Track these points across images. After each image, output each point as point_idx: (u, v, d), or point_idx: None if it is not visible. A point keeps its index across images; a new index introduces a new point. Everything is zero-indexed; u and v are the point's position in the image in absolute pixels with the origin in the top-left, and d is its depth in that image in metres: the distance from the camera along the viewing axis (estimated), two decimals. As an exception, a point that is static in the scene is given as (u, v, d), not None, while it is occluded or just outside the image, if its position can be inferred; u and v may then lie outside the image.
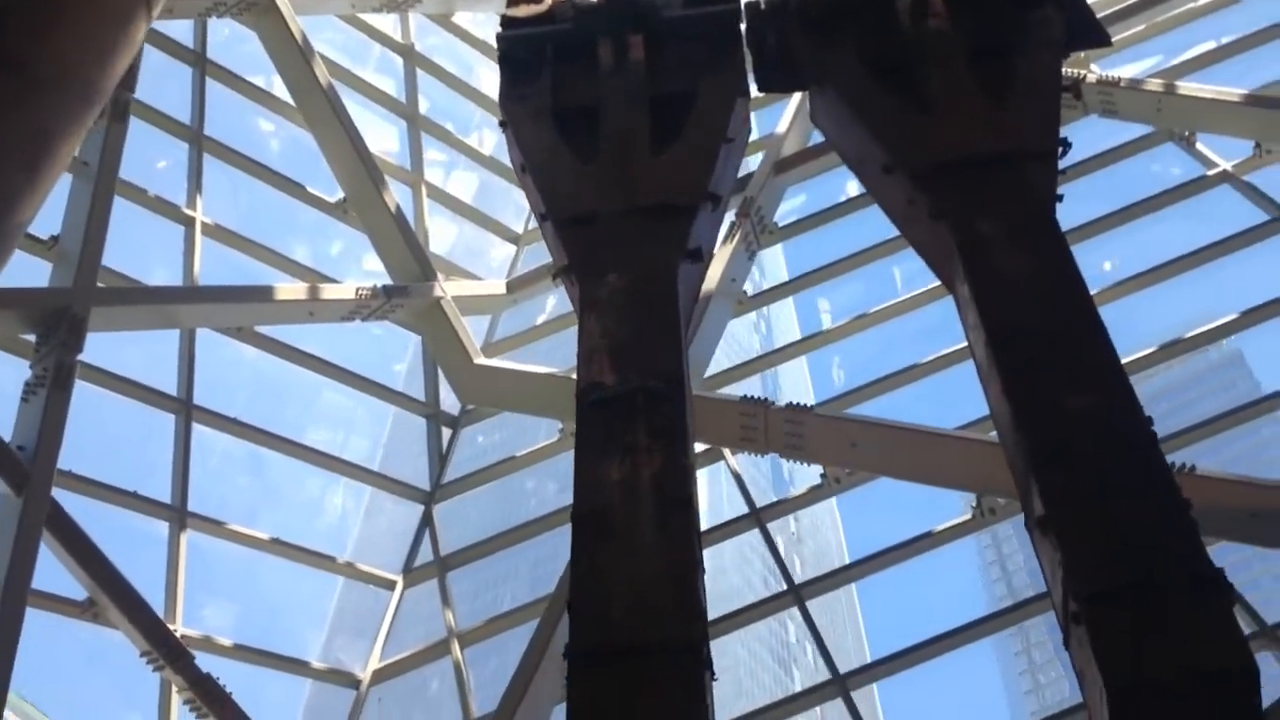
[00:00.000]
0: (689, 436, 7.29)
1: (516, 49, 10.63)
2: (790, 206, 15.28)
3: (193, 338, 10.02)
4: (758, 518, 10.05)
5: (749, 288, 12.45)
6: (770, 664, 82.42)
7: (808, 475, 10.10)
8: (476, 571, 11.45)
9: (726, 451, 10.50)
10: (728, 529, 10.27)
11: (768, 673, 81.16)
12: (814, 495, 10.05)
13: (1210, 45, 13.67)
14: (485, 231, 14.44)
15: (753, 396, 10.06)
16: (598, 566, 6.65)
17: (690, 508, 6.76)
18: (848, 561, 10.45)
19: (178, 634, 8.67)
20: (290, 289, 10.47)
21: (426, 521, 11.07)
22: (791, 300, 13.87)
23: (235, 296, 10.18)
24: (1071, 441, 6.56)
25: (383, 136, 14.48)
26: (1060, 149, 8.90)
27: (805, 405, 9.88)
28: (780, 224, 12.86)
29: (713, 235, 9.50)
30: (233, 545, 9.75)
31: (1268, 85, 11.93)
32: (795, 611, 9.76)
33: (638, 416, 7.29)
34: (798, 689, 9.27)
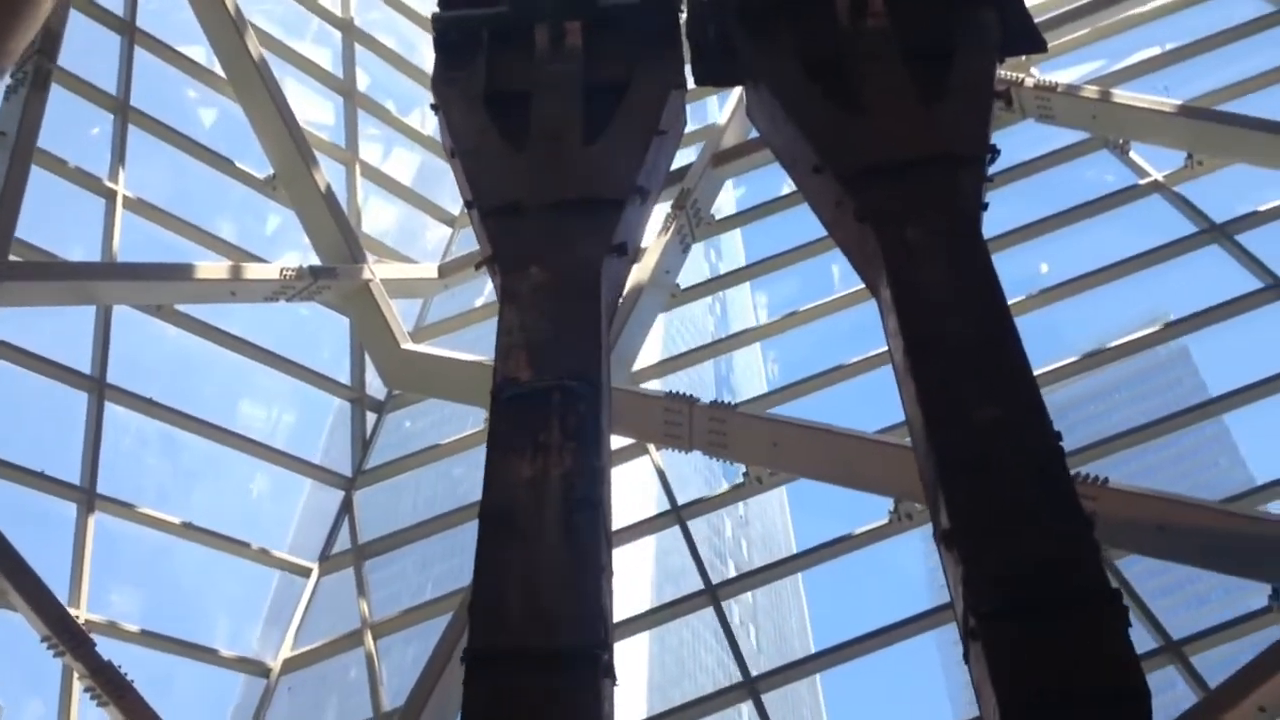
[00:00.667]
0: (604, 437, 7.20)
1: (451, 30, 10.45)
2: (735, 197, 15.29)
3: (108, 315, 9.81)
4: (678, 515, 10.01)
5: (706, 271, 12.35)
6: (714, 645, 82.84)
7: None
8: (399, 559, 11.34)
9: (651, 447, 10.46)
10: (650, 524, 10.23)
11: (710, 654, 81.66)
12: (736, 494, 10.02)
13: (1154, 51, 13.76)
14: (422, 213, 14.27)
15: (678, 393, 10.00)
16: (500, 566, 6.55)
17: (599, 510, 6.66)
18: (794, 547, 10.39)
19: (81, 619, 8.50)
20: (212, 267, 10.28)
21: (346, 508, 10.94)
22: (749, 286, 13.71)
23: (154, 274, 9.98)
24: (978, 455, 6.54)
25: (320, 112, 14.29)
26: (989, 155, 8.93)
27: (729, 403, 9.83)
28: (718, 216, 12.86)
29: (640, 229, 9.40)
30: (144, 529, 9.57)
31: (1202, 96, 12.00)
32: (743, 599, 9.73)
33: (552, 414, 7.19)
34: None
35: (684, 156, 13.32)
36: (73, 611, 8.47)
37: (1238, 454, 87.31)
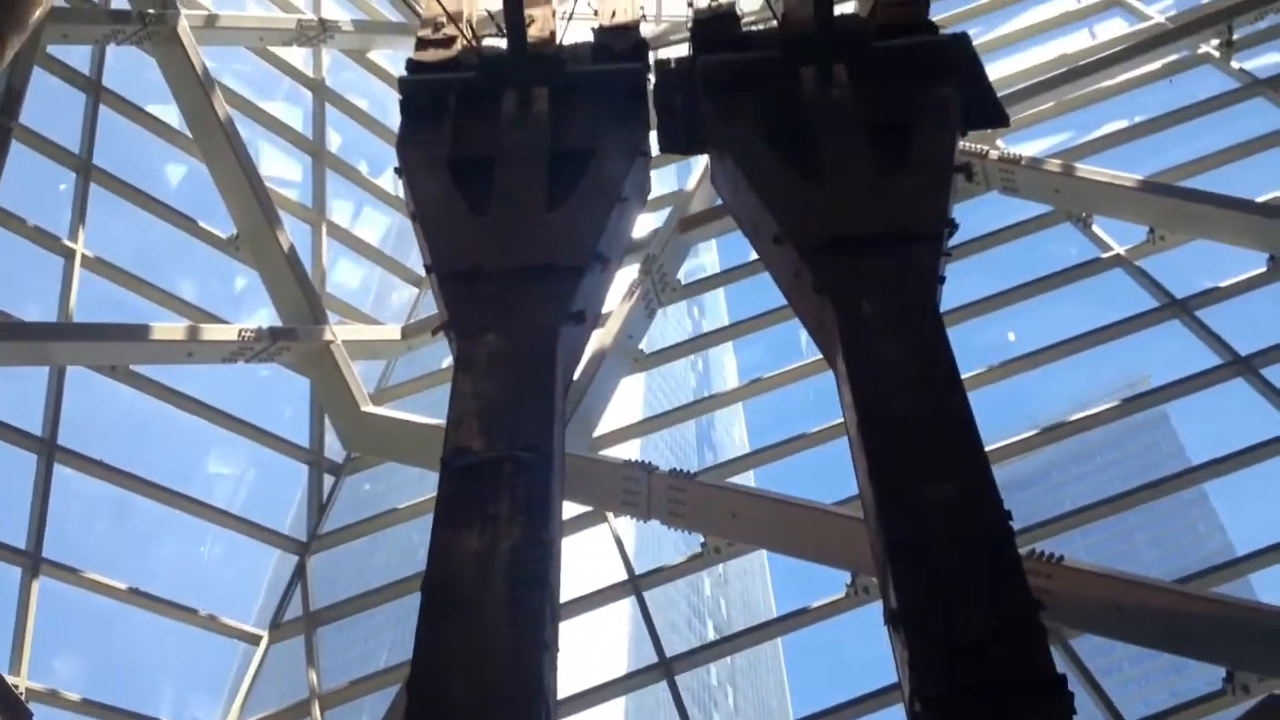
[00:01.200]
0: (554, 509, 7.11)
1: (418, 94, 10.46)
2: (702, 263, 15.31)
3: (61, 375, 9.70)
4: (635, 585, 9.89)
5: (689, 330, 12.22)
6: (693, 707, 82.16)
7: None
8: (357, 624, 11.18)
9: (609, 515, 10.36)
10: (607, 594, 10.10)
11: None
12: (693, 565, 9.92)
13: (1121, 124, 13.90)
14: (390, 274, 14.23)
15: (636, 460, 9.92)
16: (441, 641, 6.43)
17: (545, 586, 6.57)
18: (773, 606, 10.18)
19: (21, 689, 8.32)
20: (168, 328, 10.18)
21: (299, 574, 10.78)
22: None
23: (109, 334, 9.86)
24: (926, 535, 6.49)
25: (292, 172, 14.28)
26: (948, 230, 8.95)
27: (688, 472, 9.76)
28: (700, 276, 12.89)
29: (600, 297, 9.37)
30: (90, 595, 9.39)
31: (1165, 171, 12.09)
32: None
33: (502, 486, 7.11)
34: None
35: (652, 221, 13.37)
36: (12, 679, 8.28)
37: (1216, 519, 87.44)
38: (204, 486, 10.92)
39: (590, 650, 9.80)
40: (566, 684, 8.77)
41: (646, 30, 16.39)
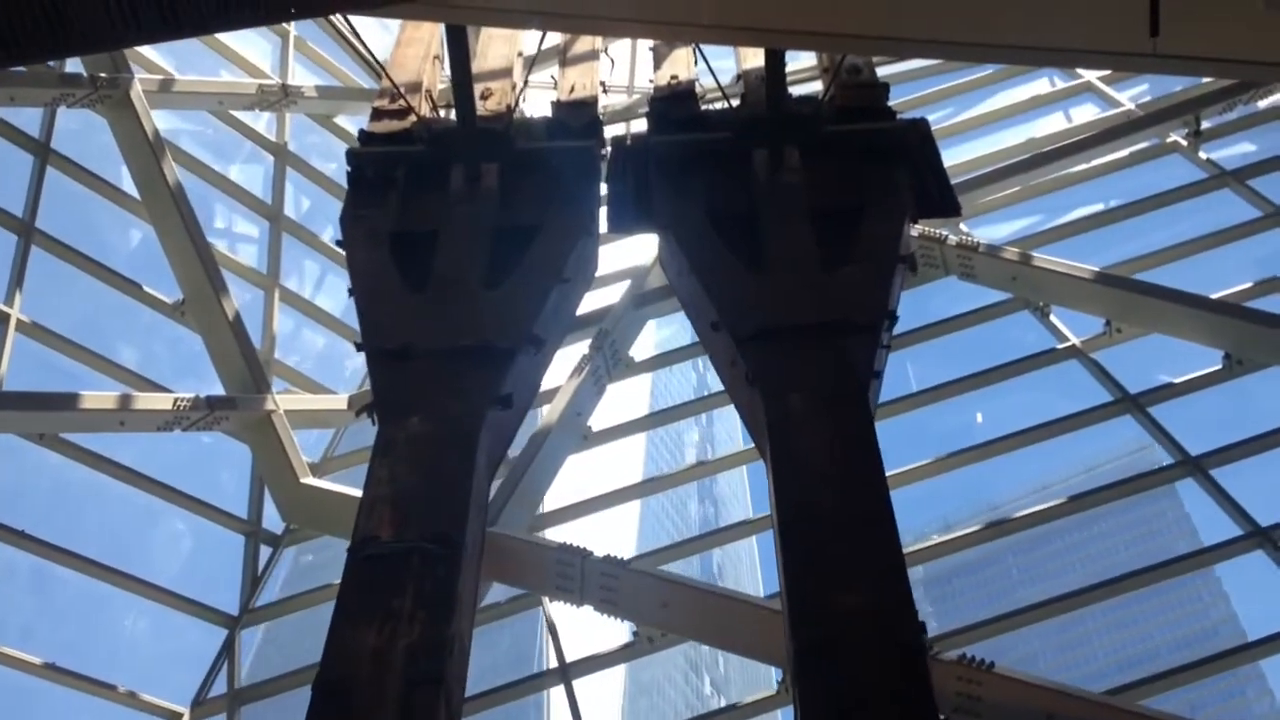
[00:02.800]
0: (460, 605, 6.90)
1: (366, 167, 10.38)
2: (662, 336, 15.16)
3: (-15, 442, 9.52)
4: (565, 673, 9.64)
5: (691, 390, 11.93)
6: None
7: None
8: (281, 705, 10.88)
9: (545, 599, 10.14)
10: (533, 684, 9.88)
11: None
12: (627, 654, 9.66)
13: (1092, 209, 13.82)
14: (346, 342, 14.06)
15: (570, 544, 9.70)
16: (327, 747, 6.23)
17: (439, 685, 6.36)
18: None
19: (-80, 767, 8.07)
20: (98, 396, 9.98)
21: (227, 649, 10.52)
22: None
23: (36, 403, 9.67)
24: (834, 645, 6.30)
25: (252, 237, 14.16)
26: (887, 322, 8.80)
27: (621, 559, 9.53)
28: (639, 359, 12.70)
29: (533, 380, 9.22)
30: (3, 669, 9.13)
31: (1126, 261, 11.98)
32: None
33: (408, 579, 6.92)
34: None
35: (609, 295, 13.23)
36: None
37: (1220, 588, 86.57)
38: (140, 556, 10.65)
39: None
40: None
41: (617, 102, 16.51)
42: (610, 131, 13.79)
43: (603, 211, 10.39)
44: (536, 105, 12.91)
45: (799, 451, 7.51)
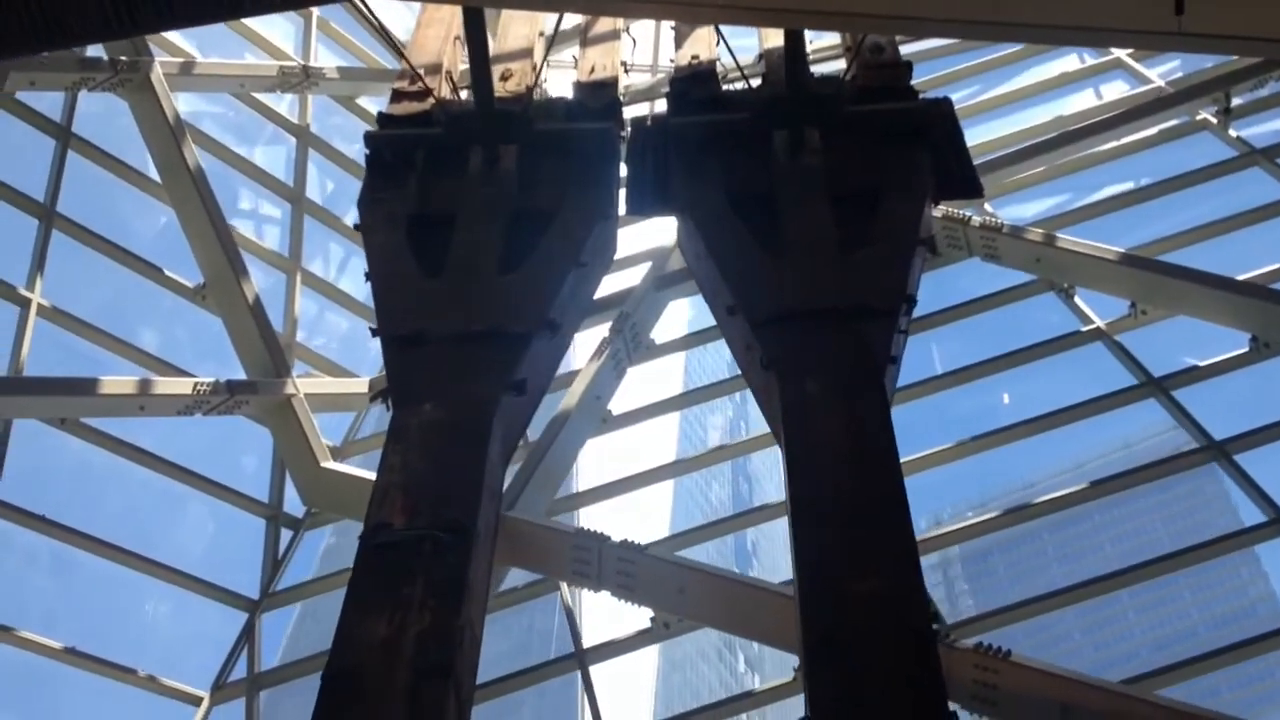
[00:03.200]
0: (471, 594, 6.88)
1: (385, 150, 10.32)
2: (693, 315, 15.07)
3: (7, 427, 9.55)
4: (581, 659, 9.64)
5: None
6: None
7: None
8: (303, 689, 10.93)
9: (563, 585, 10.14)
10: (550, 669, 9.87)
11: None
12: (641, 639, 9.63)
13: (1121, 188, 13.63)
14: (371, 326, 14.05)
15: (588, 530, 9.67)
16: (336, 737, 6.23)
17: (449, 677, 6.34)
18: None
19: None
20: (118, 381, 10.02)
21: (247, 632, 10.57)
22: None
23: (57, 388, 9.72)
24: (846, 632, 6.26)
25: (274, 220, 14.17)
26: (905, 306, 8.69)
27: (639, 544, 9.49)
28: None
29: (548, 366, 9.16)
30: (25, 654, 9.22)
31: (1154, 242, 11.80)
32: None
33: (418, 568, 6.90)
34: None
35: (630, 278, 13.17)
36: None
37: (1259, 566, 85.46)
38: (162, 540, 10.72)
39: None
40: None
41: (641, 81, 16.40)
42: (635, 112, 13.76)
43: (622, 194, 10.30)
44: (560, 86, 12.88)
45: (814, 437, 7.44)
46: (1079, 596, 9.13)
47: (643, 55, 16.63)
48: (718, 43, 11.59)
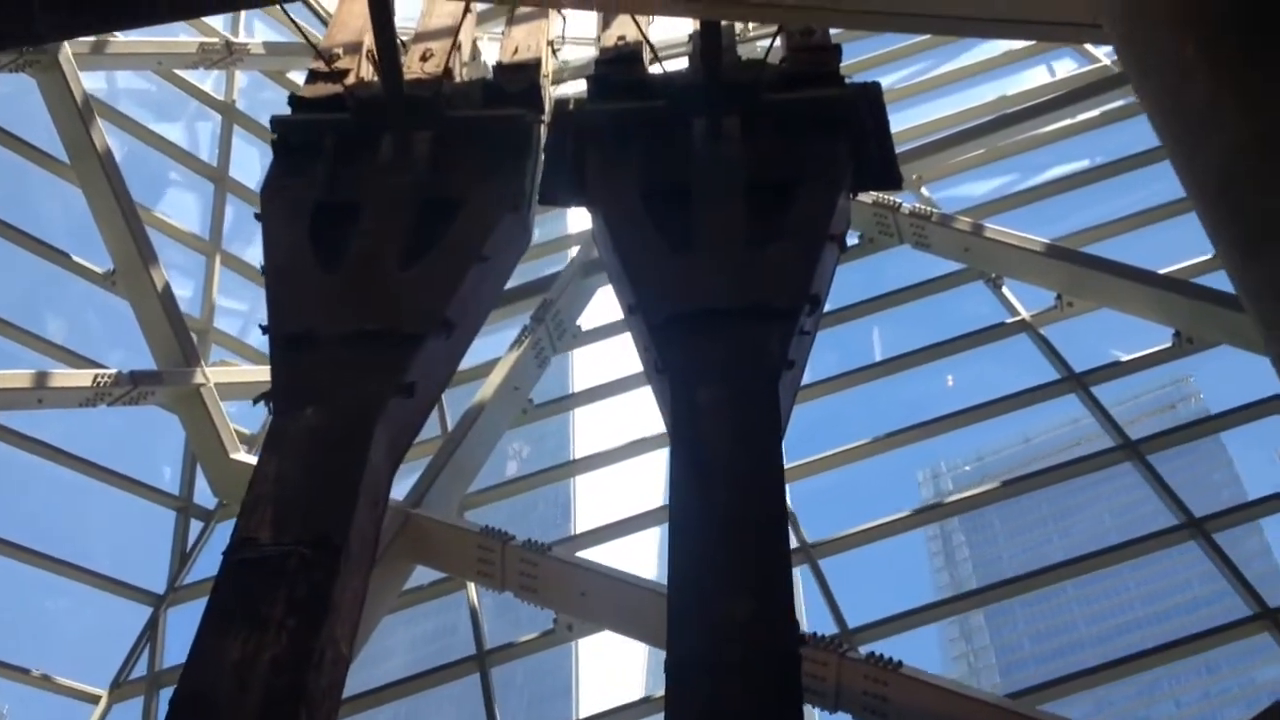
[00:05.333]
0: (336, 613, 6.66)
1: (292, 134, 10.00)
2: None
3: (-106, 423, 9.35)
4: (481, 661, 9.48)
5: None
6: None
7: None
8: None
9: (470, 585, 9.97)
10: (451, 671, 9.72)
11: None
12: (545, 641, 9.48)
13: (1065, 170, 13.40)
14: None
15: (493, 529, 9.48)
16: (178, 766, 6.06)
17: (301, 699, 6.16)
18: None
19: None
20: (13, 375, 9.78)
21: (150, 628, 10.39)
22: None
23: (-55, 382, 9.50)
24: (710, 652, 6.09)
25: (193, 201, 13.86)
26: (808, 306, 8.44)
27: (543, 545, 9.31)
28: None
29: (444, 367, 8.86)
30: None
31: (1085, 230, 11.59)
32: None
33: (281, 585, 6.69)
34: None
35: (554, 264, 12.95)
36: None
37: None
38: (69, 533, 10.55)
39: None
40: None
41: (582, 57, 16.03)
42: (576, 89, 13.36)
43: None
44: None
45: (697, 449, 7.23)
46: (985, 599, 8.99)
47: (587, 27, 16.29)
48: (650, 22, 11.30)
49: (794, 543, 9.67)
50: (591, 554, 9.84)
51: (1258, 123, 2.90)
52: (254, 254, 13.48)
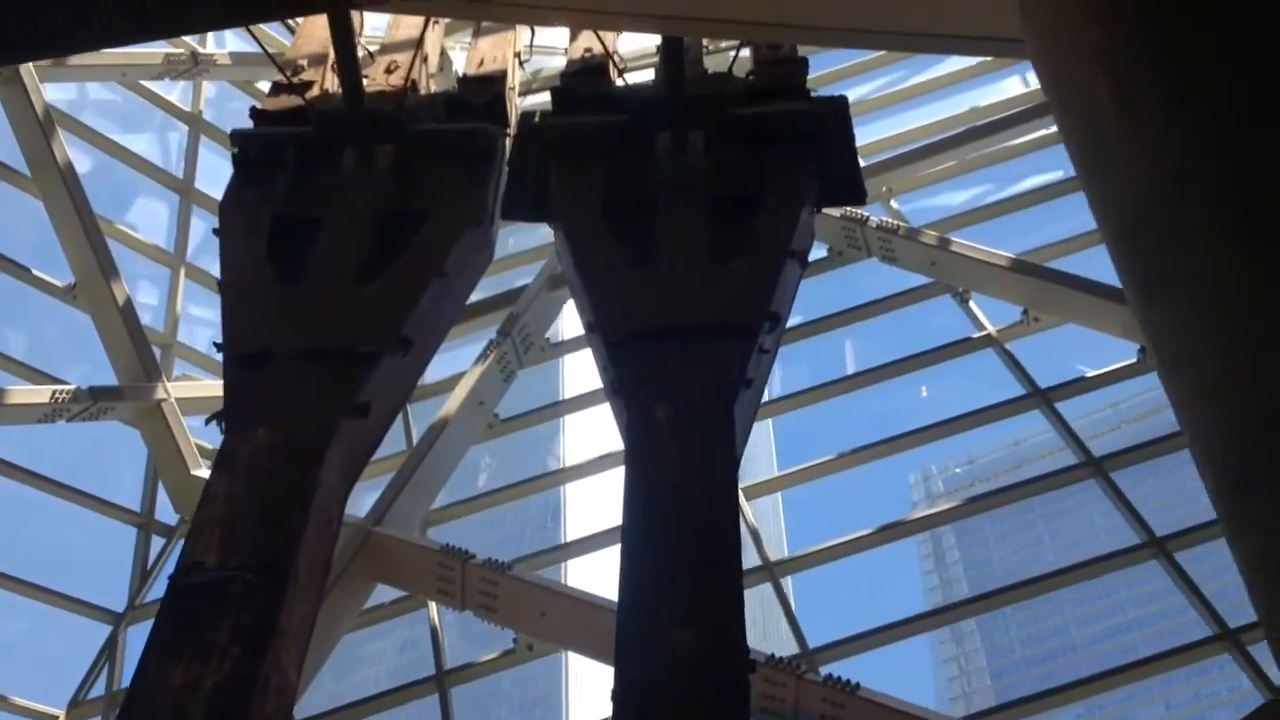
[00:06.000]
0: (282, 639, 6.57)
1: (253, 147, 9.91)
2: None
3: None
4: (440, 681, 9.41)
5: None
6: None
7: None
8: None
9: (432, 604, 9.89)
10: (409, 691, 9.64)
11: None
12: (505, 661, 9.41)
13: (1041, 180, 13.36)
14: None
15: (453, 547, 9.40)
16: (119, 800, 5.97)
17: (242, 731, 6.08)
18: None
19: None
20: (-33, 392, 9.71)
21: (109, 647, 10.28)
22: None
23: (-104, 400, 9.40)
24: (656, 683, 6.02)
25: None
26: (768, 324, 8.37)
27: (502, 564, 9.23)
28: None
29: (401, 385, 8.75)
30: None
31: (1051, 245, 11.55)
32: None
33: (226, 611, 6.60)
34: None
35: (525, 276, 12.87)
36: None
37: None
38: (30, 549, 10.43)
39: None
40: None
41: (557, 64, 15.93)
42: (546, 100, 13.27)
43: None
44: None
45: (651, 473, 7.17)
46: (937, 623, 8.93)
47: (560, 36, 16.20)
48: (617, 35, 11.23)
49: (757, 561, 9.67)
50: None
51: (1164, 170, 2.84)
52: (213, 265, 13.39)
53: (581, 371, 13.65)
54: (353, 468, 8.09)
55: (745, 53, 10.57)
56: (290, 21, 14.24)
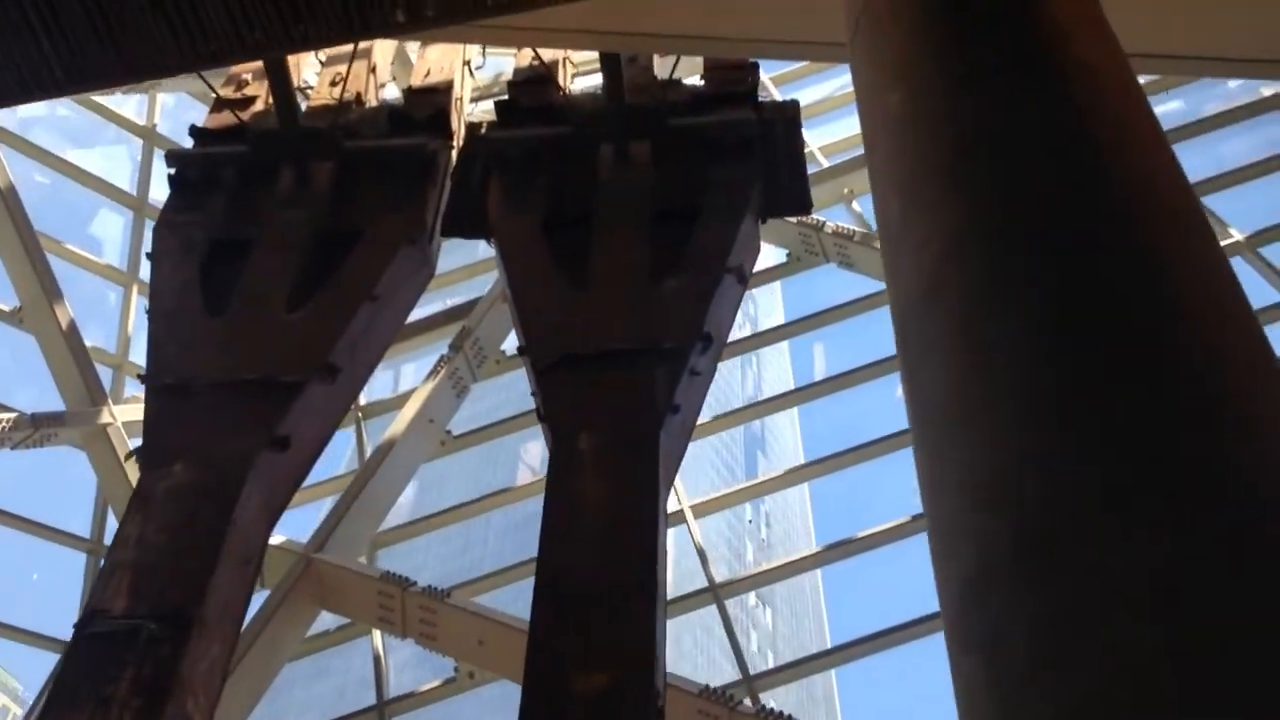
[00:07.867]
0: (184, 690, 6.39)
1: (189, 168, 9.72)
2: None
3: None
4: (381, 711, 9.24)
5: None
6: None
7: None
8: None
9: (376, 632, 9.72)
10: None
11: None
12: (446, 690, 9.23)
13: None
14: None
15: (394, 574, 9.21)
16: None
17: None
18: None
19: None
20: (-94, 423, 9.55)
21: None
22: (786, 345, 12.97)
23: None
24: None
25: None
26: (701, 344, 8.13)
27: (442, 591, 9.04)
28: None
29: (327, 415, 8.52)
30: None
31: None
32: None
33: (129, 662, 6.43)
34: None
35: (476, 288, 12.65)
36: None
37: None
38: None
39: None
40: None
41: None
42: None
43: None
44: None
45: (570, 505, 6.94)
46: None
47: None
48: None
49: (703, 582, 9.48)
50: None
51: (930, 256, 2.65)
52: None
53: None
54: (275, 502, 7.91)
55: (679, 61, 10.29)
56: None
